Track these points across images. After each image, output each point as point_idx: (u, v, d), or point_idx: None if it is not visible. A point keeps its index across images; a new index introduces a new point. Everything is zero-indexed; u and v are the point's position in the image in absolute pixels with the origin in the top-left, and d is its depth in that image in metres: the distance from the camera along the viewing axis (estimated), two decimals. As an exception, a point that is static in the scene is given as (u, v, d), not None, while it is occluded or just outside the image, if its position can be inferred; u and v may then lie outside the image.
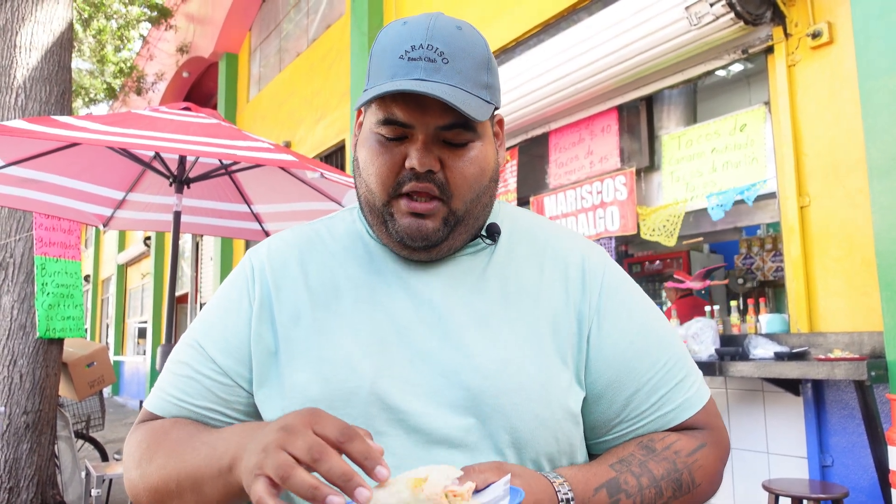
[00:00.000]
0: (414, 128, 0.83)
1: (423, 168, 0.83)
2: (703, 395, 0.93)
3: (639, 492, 0.82)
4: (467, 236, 0.91)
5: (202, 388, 0.89)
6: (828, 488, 2.72)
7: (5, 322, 4.27)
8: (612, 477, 0.82)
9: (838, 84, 3.26)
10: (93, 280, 20.79)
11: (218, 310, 0.94)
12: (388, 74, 0.82)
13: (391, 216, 0.87)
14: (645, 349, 0.90)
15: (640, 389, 0.89)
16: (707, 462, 0.89)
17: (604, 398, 0.89)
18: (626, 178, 4.30)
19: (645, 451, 0.86)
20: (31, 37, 4.48)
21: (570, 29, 4.49)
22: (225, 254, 10.45)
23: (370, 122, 0.88)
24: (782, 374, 2.96)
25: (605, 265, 0.96)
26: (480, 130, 0.87)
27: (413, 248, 0.88)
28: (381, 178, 0.86)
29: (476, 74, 0.84)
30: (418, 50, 0.82)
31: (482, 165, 0.88)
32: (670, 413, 0.89)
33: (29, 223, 4.37)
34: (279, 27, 10.09)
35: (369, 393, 0.83)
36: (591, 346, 0.89)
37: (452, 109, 0.82)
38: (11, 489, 4.13)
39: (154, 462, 0.82)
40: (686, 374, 0.92)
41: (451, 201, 0.86)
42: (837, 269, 3.22)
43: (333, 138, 7.90)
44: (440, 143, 0.85)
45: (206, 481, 0.76)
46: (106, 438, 8.65)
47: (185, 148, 2.57)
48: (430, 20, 0.84)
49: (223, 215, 4.24)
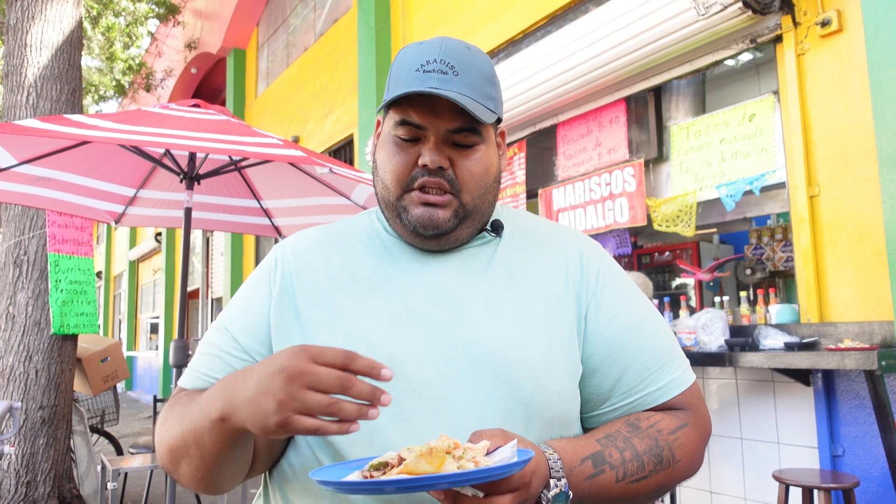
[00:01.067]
0: (427, 129, 0.95)
1: (434, 165, 0.94)
2: (689, 379, 1.02)
3: (622, 464, 0.89)
4: (473, 230, 1.02)
5: (224, 363, 0.99)
6: (838, 478, 2.72)
7: (20, 318, 4.32)
8: (597, 450, 0.89)
9: (848, 73, 3.23)
10: (105, 276, 20.95)
11: (243, 298, 1.06)
12: (406, 84, 0.93)
13: (405, 209, 0.98)
14: (637, 331, 1.00)
15: (630, 367, 0.98)
16: (688, 440, 0.96)
17: (597, 373, 0.98)
18: (635, 169, 4.29)
19: (630, 429, 0.94)
20: (41, 35, 4.51)
21: (578, 20, 4.47)
22: (235, 249, 10.51)
23: (388, 126, 1.00)
24: (792, 365, 2.96)
25: (602, 256, 1.07)
26: (485, 135, 0.99)
27: (425, 236, 0.98)
28: (396, 175, 0.97)
29: (482, 87, 0.97)
30: (432, 64, 0.94)
31: (486, 166, 0.99)
32: (657, 391, 0.98)
33: (42, 221, 4.42)
34: (286, 22, 10.10)
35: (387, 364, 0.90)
36: (588, 326, 0.99)
37: (461, 114, 0.94)
38: (29, 483, 4.20)
39: (167, 425, 0.93)
40: (673, 357, 1.02)
41: (461, 195, 0.97)
42: (847, 258, 3.21)
43: (342, 132, 7.91)
44: (450, 145, 0.96)
45: (203, 434, 0.83)
46: (120, 433, 8.75)
47: (195, 145, 2.59)
48: (443, 41, 0.97)
49: (233, 211, 4.27)
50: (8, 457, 4.15)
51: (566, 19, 4.77)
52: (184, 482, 0.92)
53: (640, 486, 0.91)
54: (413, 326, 0.95)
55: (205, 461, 0.86)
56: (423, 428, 0.89)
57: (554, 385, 0.94)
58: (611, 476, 0.88)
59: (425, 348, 0.93)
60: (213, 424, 0.80)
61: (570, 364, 0.96)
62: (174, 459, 0.90)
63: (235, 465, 0.90)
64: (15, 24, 4.53)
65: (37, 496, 4.20)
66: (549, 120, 4.99)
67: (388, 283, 0.99)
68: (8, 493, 4.14)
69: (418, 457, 0.69)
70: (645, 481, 0.91)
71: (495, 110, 0.99)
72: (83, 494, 4.66)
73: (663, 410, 0.99)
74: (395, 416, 0.89)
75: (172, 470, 0.92)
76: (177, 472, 0.92)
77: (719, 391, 3.67)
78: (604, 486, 0.87)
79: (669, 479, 0.94)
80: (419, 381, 0.91)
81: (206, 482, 0.90)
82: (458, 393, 0.91)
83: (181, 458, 0.89)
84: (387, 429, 0.89)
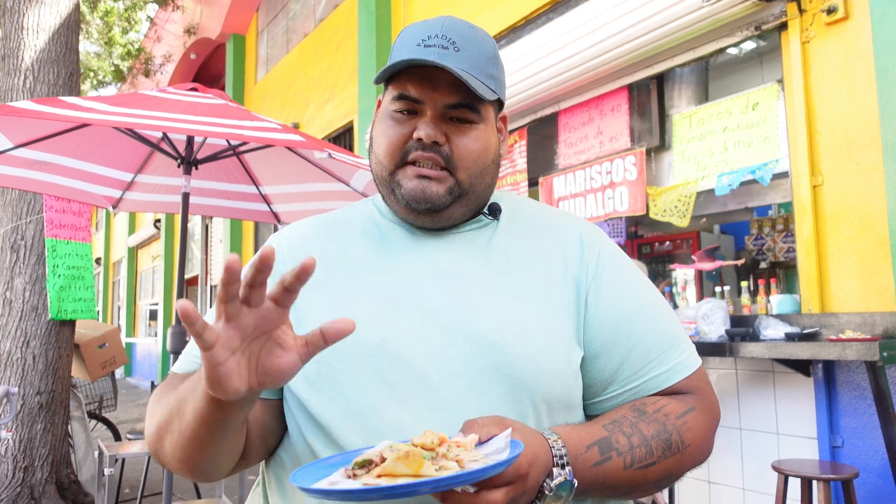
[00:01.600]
0: (424, 103, 0.93)
1: (429, 139, 0.92)
2: (694, 362, 0.98)
3: (629, 450, 0.86)
4: (468, 210, 0.99)
5: None
6: (838, 469, 2.72)
7: (18, 304, 4.30)
8: (604, 436, 0.86)
9: (853, 61, 3.20)
10: (104, 262, 20.94)
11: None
12: (405, 58, 0.91)
13: (398, 184, 0.96)
14: (640, 314, 0.97)
15: (632, 351, 0.94)
16: (696, 424, 0.93)
17: (600, 357, 0.95)
18: (636, 157, 4.26)
19: (636, 414, 0.91)
20: (38, 18, 4.46)
21: (580, 6, 4.43)
22: (234, 236, 10.49)
23: (385, 102, 0.98)
24: (793, 355, 2.95)
25: (602, 240, 1.04)
26: (484, 114, 0.96)
27: (418, 211, 0.95)
28: (391, 148, 0.95)
29: (484, 65, 0.95)
30: (433, 39, 0.92)
31: (485, 145, 0.97)
32: (661, 375, 0.95)
33: (39, 205, 4.39)
34: (286, 8, 10.03)
35: (378, 347, 0.89)
36: (588, 309, 0.96)
37: (460, 90, 0.92)
38: (26, 468, 4.19)
39: (160, 402, 0.90)
40: (678, 340, 0.98)
41: (457, 172, 0.95)
42: (850, 248, 3.19)
43: (342, 119, 7.87)
44: (447, 121, 0.94)
45: (185, 402, 0.79)
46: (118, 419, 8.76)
47: (192, 128, 2.56)
48: (446, 19, 0.95)
49: (232, 196, 4.24)
50: (5, 442, 4.15)
51: (568, 5, 4.72)
52: (167, 461, 0.88)
53: (649, 472, 0.87)
54: (408, 308, 0.92)
55: (183, 436, 0.81)
56: (419, 410, 0.86)
57: (555, 367, 0.90)
58: (618, 463, 0.84)
59: (420, 329, 0.90)
60: (194, 388, 0.77)
61: (571, 347, 0.93)
62: (159, 436, 0.87)
63: (217, 447, 0.83)
64: (11, 7, 4.48)
65: (34, 481, 4.20)
66: (551, 108, 4.96)
67: (383, 267, 0.97)
68: (5, 478, 4.13)
69: (396, 460, 0.66)
70: (653, 467, 0.87)
71: (496, 90, 0.96)
72: (81, 480, 4.67)
73: (669, 395, 0.95)
74: (391, 399, 0.87)
75: (158, 450, 0.89)
76: (161, 452, 0.88)
77: (719, 381, 3.66)
78: (611, 474, 0.84)
79: (679, 465, 0.91)
80: (415, 363, 0.88)
81: (189, 462, 0.85)
82: (455, 374, 0.87)
83: (166, 434, 0.85)
84: (383, 412, 0.86)
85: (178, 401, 0.82)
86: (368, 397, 0.87)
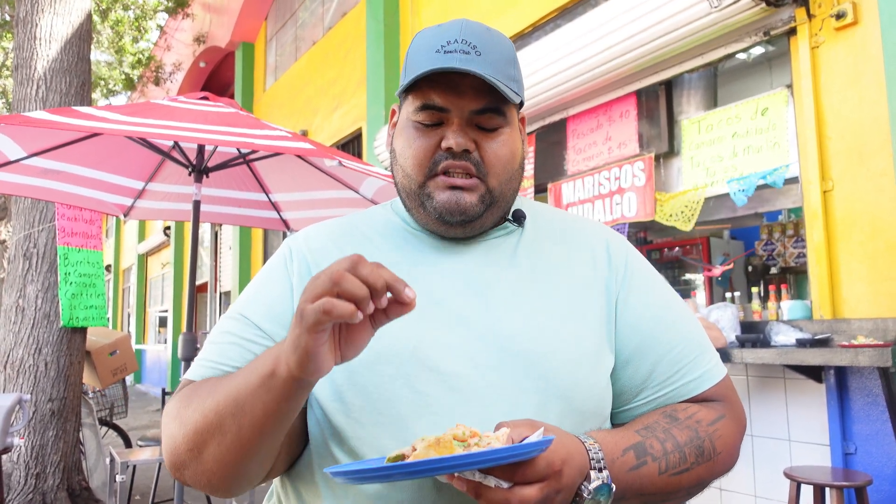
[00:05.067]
0: (450, 112, 0.90)
1: (459, 148, 0.89)
2: (722, 370, 0.99)
3: (664, 455, 0.85)
4: (497, 217, 0.98)
5: (244, 350, 0.90)
6: (851, 476, 2.70)
7: (30, 311, 4.33)
8: (638, 441, 0.85)
9: (863, 66, 3.19)
10: (114, 270, 21.05)
11: (258, 286, 0.99)
12: (426, 66, 0.88)
13: (429, 196, 0.93)
14: (669, 321, 0.97)
15: (663, 357, 0.94)
16: (727, 432, 0.93)
17: (630, 364, 0.94)
18: (645, 163, 4.25)
19: (668, 420, 0.90)
20: (50, 28, 4.51)
21: (588, 13, 4.43)
22: (244, 243, 10.52)
23: (406, 112, 0.95)
24: (805, 361, 2.93)
25: (628, 248, 1.04)
26: (510, 118, 0.94)
27: (450, 223, 0.93)
28: (418, 160, 0.93)
29: (505, 68, 0.92)
30: (454, 44, 0.89)
31: (513, 149, 0.95)
32: (692, 382, 0.95)
33: (51, 214, 4.43)
34: (295, 16, 10.09)
35: (411, 355, 0.87)
36: (618, 316, 0.95)
37: (486, 95, 0.89)
38: (38, 475, 4.21)
39: (191, 406, 0.83)
40: (705, 348, 0.98)
41: (488, 179, 0.93)
42: (861, 254, 3.17)
43: (350, 126, 7.90)
44: (474, 127, 0.92)
45: (246, 398, 0.75)
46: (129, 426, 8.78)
47: (203, 137, 2.58)
48: (463, 22, 0.92)
49: (242, 204, 4.26)
50: (17, 449, 4.17)
51: (576, 12, 4.73)
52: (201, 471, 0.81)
53: (683, 478, 0.86)
54: (437, 316, 0.90)
55: (241, 434, 0.76)
56: (451, 422, 0.83)
57: (588, 376, 0.90)
58: (653, 468, 0.84)
59: (451, 338, 0.88)
60: (263, 381, 0.73)
61: (603, 355, 0.92)
62: (199, 444, 0.80)
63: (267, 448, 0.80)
64: (25, 17, 4.53)
65: (46, 488, 4.22)
66: (559, 114, 4.96)
67: (407, 273, 0.91)
68: (18, 485, 4.15)
69: (427, 447, 0.68)
70: (687, 474, 0.87)
71: (518, 92, 0.94)
72: (92, 486, 4.69)
73: (698, 402, 0.95)
74: (422, 409, 0.85)
75: (192, 460, 0.81)
76: (198, 462, 0.81)
77: (730, 387, 3.64)
78: (646, 479, 0.83)
79: (710, 473, 0.90)
80: (446, 371, 0.86)
81: (233, 469, 0.80)
82: (487, 384, 0.86)
83: (211, 439, 0.78)
84: (412, 422, 0.85)
85: (235, 397, 0.77)
86: (399, 407, 0.86)
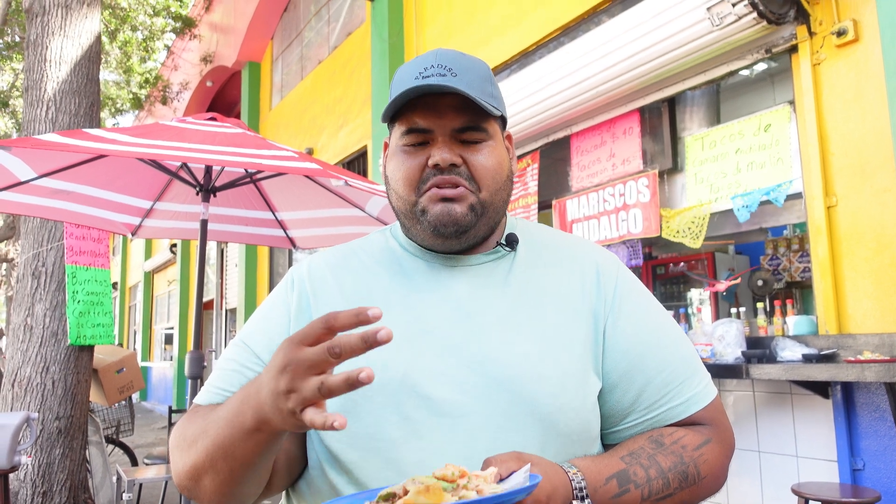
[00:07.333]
0: (433, 132, 0.95)
1: (445, 163, 0.93)
2: (711, 393, 1.00)
3: (647, 482, 0.87)
4: (489, 228, 1.00)
5: (244, 378, 0.96)
6: (859, 492, 2.68)
7: (38, 329, 4.36)
8: (622, 468, 0.87)
9: (865, 82, 3.21)
10: (120, 287, 21.11)
11: (261, 315, 1.05)
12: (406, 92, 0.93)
13: (423, 212, 0.96)
14: (657, 345, 0.98)
15: (651, 381, 0.96)
16: (712, 456, 0.95)
17: (618, 388, 0.96)
18: (649, 180, 4.27)
19: (654, 445, 0.92)
20: (60, 51, 4.57)
21: (592, 31, 4.48)
22: (249, 260, 10.56)
23: (395, 139, 1.00)
24: (811, 377, 2.92)
25: (619, 269, 1.05)
26: (492, 132, 0.98)
27: (445, 235, 0.96)
28: (408, 180, 0.97)
29: (482, 85, 0.96)
30: (430, 69, 0.94)
31: (499, 160, 0.98)
32: (679, 406, 0.96)
33: (60, 233, 4.47)
34: (301, 35, 10.19)
35: (401, 383, 0.90)
36: (606, 340, 0.97)
37: (466, 112, 0.94)
38: (45, 493, 4.22)
39: (188, 438, 0.88)
40: (694, 371, 0.99)
41: (479, 192, 0.96)
42: (866, 269, 3.17)
43: (355, 144, 7.96)
44: (459, 143, 0.96)
45: (235, 446, 0.80)
46: (135, 443, 8.78)
47: (211, 158, 2.61)
48: (437, 51, 0.98)
49: (249, 223, 4.30)
50: (24, 467, 4.18)
51: (579, 31, 4.78)
52: (204, 499, 0.89)
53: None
54: (427, 343, 0.93)
55: (233, 474, 0.83)
56: (439, 447, 0.87)
57: (572, 401, 0.91)
58: (636, 495, 0.86)
59: (439, 365, 0.91)
60: (248, 435, 0.77)
61: (589, 379, 0.94)
62: (195, 476, 0.87)
63: (259, 477, 0.87)
64: (35, 40, 4.60)
65: (53, 506, 4.22)
66: (563, 131, 4.99)
67: (401, 301, 0.98)
68: (24, 503, 4.16)
69: (417, 493, 0.69)
70: (670, 499, 0.89)
71: (498, 107, 0.98)
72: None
73: (685, 426, 0.97)
74: (410, 435, 0.88)
75: (193, 487, 0.88)
76: (197, 489, 0.88)
77: (736, 403, 3.63)
78: None
79: (694, 497, 0.92)
80: (434, 398, 0.89)
81: (228, 496, 0.87)
82: (473, 410, 0.89)
83: (205, 475, 0.85)
84: (402, 448, 0.88)
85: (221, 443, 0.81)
86: (389, 432, 0.88)
